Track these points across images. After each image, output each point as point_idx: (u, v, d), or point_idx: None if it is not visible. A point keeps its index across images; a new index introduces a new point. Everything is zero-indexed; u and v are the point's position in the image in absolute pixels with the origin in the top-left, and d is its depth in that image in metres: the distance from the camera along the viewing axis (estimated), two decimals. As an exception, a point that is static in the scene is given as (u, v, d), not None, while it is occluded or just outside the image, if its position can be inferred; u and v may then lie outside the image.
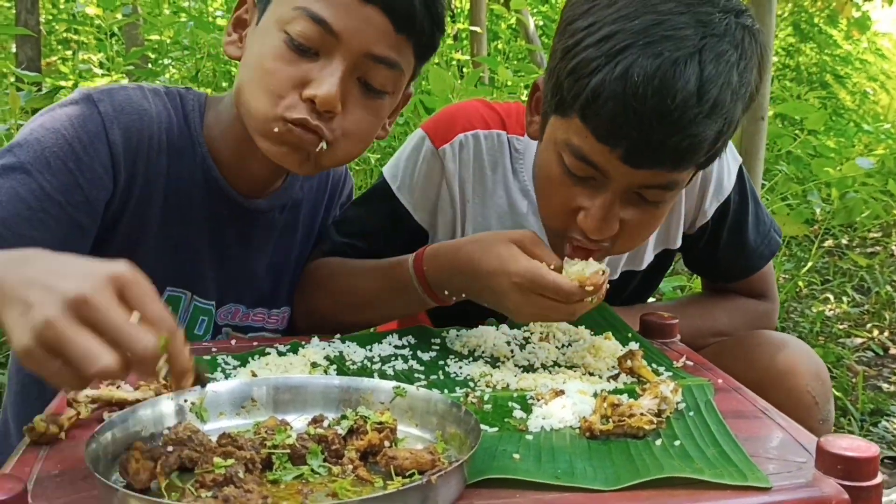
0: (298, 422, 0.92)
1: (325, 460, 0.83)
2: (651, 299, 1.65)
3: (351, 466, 0.82)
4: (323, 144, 1.15)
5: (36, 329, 0.70)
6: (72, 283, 0.72)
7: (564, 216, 1.19)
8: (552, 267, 1.10)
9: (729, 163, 1.44)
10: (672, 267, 1.63)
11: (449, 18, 7.62)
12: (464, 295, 1.19)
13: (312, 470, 0.82)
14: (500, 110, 1.42)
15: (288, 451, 0.83)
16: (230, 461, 0.77)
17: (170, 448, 0.81)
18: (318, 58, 1.13)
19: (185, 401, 0.92)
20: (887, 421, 2.73)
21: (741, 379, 1.14)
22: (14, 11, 4.51)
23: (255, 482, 0.76)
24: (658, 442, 0.91)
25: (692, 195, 1.43)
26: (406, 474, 0.79)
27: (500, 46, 7.21)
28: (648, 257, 1.48)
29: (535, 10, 6.71)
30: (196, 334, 1.33)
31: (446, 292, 1.21)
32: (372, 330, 1.38)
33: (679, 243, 1.48)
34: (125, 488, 0.76)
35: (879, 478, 0.81)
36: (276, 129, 1.14)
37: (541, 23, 7.29)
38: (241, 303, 1.38)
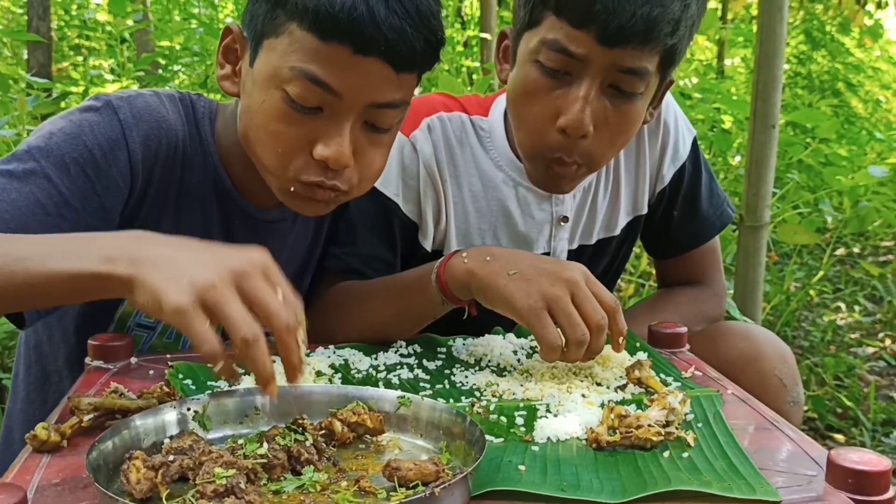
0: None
1: (293, 472, 0.83)
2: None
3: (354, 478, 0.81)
4: (338, 196, 1.16)
5: (198, 289, 0.78)
6: (233, 257, 0.83)
7: (544, 127, 1.25)
8: None
9: (684, 133, 1.53)
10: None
11: (459, 25, 7.64)
12: (485, 262, 1.15)
13: (313, 480, 0.81)
14: (460, 99, 1.50)
15: (263, 461, 0.81)
16: (231, 471, 0.76)
17: (171, 457, 0.80)
18: (322, 112, 1.10)
19: (188, 409, 0.91)
20: (900, 431, 2.71)
21: None
22: (26, 17, 4.53)
23: (256, 493, 0.75)
24: (666, 454, 0.90)
25: (653, 159, 1.52)
26: (410, 485, 0.78)
27: (510, 53, 7.17)
28: (622, 222, 1.53)
29: (545, 18, 6.69)
30: None
31: (465, 259, 1.16)
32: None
33: (647, 209, 1.55)
34: (126, 498, 0.75)
35: (891, 492, 0.80)
36: (292, 189, 1.14)
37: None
38: None
